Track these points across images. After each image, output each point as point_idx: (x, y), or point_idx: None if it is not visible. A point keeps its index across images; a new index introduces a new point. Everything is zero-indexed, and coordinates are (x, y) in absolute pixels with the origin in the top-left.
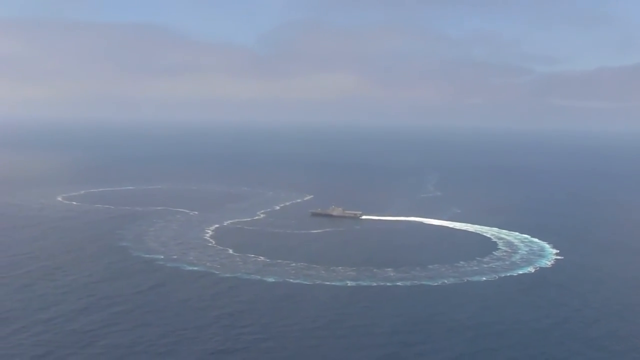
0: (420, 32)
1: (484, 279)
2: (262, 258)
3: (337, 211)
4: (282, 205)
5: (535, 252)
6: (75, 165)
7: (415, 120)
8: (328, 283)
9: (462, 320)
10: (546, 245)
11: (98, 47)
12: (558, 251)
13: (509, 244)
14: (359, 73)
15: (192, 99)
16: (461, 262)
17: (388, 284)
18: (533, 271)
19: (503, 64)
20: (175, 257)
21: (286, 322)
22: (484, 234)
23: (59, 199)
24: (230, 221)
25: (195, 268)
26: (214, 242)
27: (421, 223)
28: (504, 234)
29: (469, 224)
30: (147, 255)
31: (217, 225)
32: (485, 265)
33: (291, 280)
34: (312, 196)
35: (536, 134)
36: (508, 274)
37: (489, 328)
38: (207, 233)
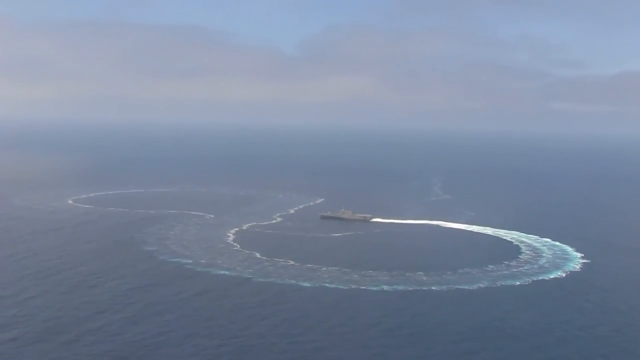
0: (467, 36)
1: (518, 283)
2: (291, 262)
3: (347, 214)
4: (296, 208)
5: (559, 256)
6: (83, 167)
7: (420, 123)
8: (364, 288)
9: (521, 327)
10: (569, 249)
11: (127, 49)
12: (583, 254)
13: (532, 247)
14: (381, 76)
15: (208, 101)
16: (490, 266)
17: (424, 288)
18: (564, 275)
19: (525, 68)
20: (203, 261)
21: (342, 330)
22: (504, 238)
23: (70, 201)
24: (249, 225)
25: (227, 273)
26: (239, 246)
27: (438, 226)
28: (524, 237)
29: (487, 227)
30: (175, 260)
31: (236, 229)
32: (514, 269)
33: (328, 285)
34: (323, 199)
35: (536, 137)
36: (540, 278)
37: (551, 335)
38: (229, 237)
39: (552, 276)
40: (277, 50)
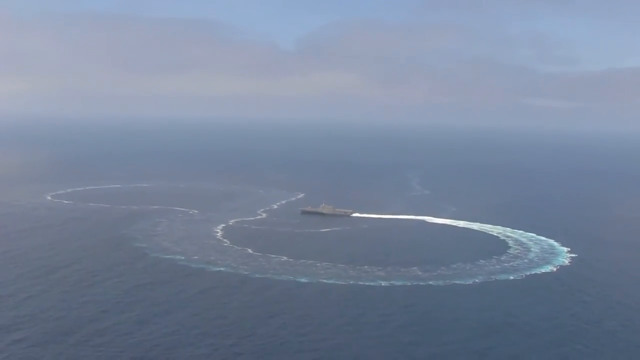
0: (474, 33)
1: (512, 277)
2: (284, 258)
3: (327, 209)
4: (278, 203)
5: (547, 251)
6: (58, 163)
7: (399, 119)
8: (362, 283)
9: (531, 322)
10: (555, 243)
11: (120, 43)
12: (569, 249)
13: (519, 242)
14: (370, 72)
15: (191, 95)
16: (481, 261)
17: (421, 283)
18: (555, 270)
19: (518, 64)
20: (196, 257)
21: (352, 328)
22: (490, 233)
23: (49, 197)
24: (235, 220)
25: (224, 269)
26: (229, 242)
27: (424, 221)
28: (509, 231)
29: (471, 222)
30: (168, 257)
31: (223, 225)
32: (505, 264)
33: (325, 281)
34: (303, 194)
35: (502, 132)
36: (533, 272)
37: (563, 329)
38: (217, 232)
39: (543, 270)
40: (272, 45)
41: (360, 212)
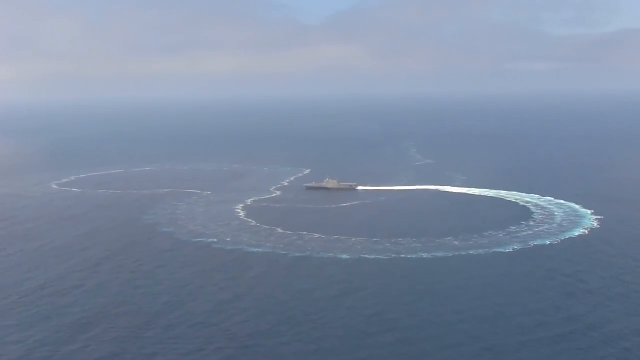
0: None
1: (548, 242)
2: (317, 235)
3: (332, 183)
4: (288, 180)
5: (571, 214)
6: (52, 150)
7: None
8: (404, 256)
9: (604, 287)
10: (576, 206)
11: (132, 24)
12: (593, 211)
13: (540, 207)
14: (379, 44)
15: (192, 75)
16: (511, 227)
17: (462, 253)
18: (588, 232)
19: (532, 29)
20: (229, 240)
21: (425, 304)
22: (508, 199)
23: (54, 186)
24: (252, 199)
25: (261, 250)
26: (255, 222)
27: (437, 191)
28: (527, 197)
29: (486, 190)
30: (199, 240)
31: (242, 205)
32: (537, 229)
33: (367, 256)
34: (309, 170)
35: (500, 99)
36: (567, 236)
37: None
38: (239, 213)
39: (577, 234)
40: (292, 20)
41: (365, 185)
